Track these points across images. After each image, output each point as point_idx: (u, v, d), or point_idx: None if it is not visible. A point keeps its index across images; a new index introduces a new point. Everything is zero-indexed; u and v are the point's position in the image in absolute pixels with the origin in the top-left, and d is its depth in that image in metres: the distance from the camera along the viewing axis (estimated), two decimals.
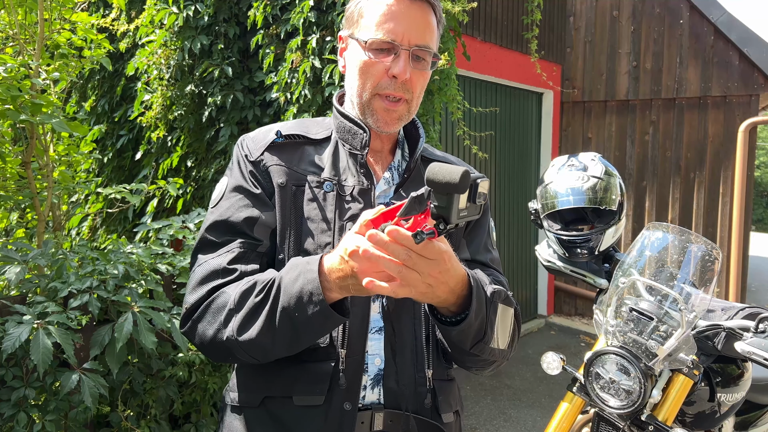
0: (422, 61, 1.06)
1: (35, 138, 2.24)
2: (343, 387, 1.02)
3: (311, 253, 1.04)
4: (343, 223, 1.07)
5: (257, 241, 1.05)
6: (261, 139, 1.12)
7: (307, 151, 1.12)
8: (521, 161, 5.67)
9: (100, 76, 4.03)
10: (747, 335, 1.60)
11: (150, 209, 3.37)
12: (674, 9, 5.39)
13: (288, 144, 1.12)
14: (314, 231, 1.06)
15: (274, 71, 3.16)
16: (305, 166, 1.10)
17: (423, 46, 1.04)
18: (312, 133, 1.15)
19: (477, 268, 1.15)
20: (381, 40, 1.02)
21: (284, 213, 1.07)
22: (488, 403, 4.03)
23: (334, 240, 1.05)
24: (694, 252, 1.68)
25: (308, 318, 0.90)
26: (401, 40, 1.02)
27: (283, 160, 1.09)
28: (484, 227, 1.25)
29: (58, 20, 2.42)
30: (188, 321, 1.03)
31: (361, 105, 1.09)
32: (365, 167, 1.11)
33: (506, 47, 5.03)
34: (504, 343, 1.08)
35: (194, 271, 1.05)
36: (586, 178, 1.97)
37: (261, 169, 1.09)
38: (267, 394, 1.05)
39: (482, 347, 1.02)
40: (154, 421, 2.02)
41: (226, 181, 1.11)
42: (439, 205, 0.80)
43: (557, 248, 2.06)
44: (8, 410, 1.61)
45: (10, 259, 1.80)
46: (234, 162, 1.13)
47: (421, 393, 1.09)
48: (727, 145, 5.23)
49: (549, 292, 6.10)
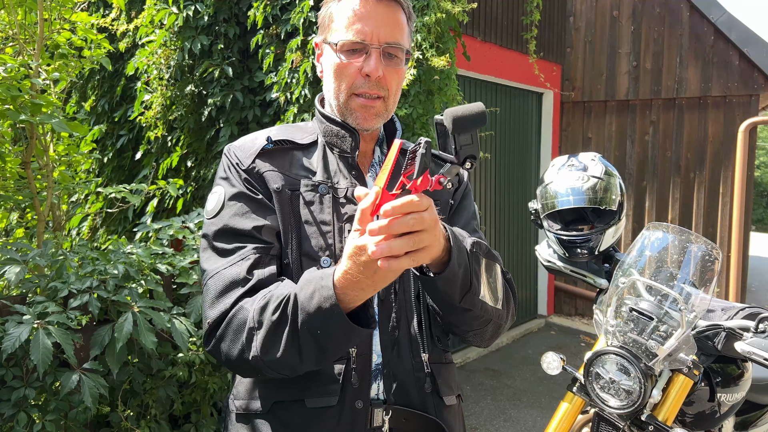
0: (395, 58, 1.08)
1: (35, 138, 2.24)
2: (356, 386, 1.03)
3: (313, 256, 1.05)
4: (341, 224, 1.08)
5: (268, 244, 1.04)
6: (249, 147, 1.12)
7: (296, 156, 1.13)
8: (521, 161, 5.67)
9: (100, 76, 4.03)
10: (747, 335, 1.60)
11: (150, 209, 3.37)
12: (674, 9, 5.39)
13: (277, 150, 1.12)
14: (314, 234, 1.07)
15: (274, 71, 3.16)
16: (297, 171, 1.11)
17: (393, 43, 1.06)
18: (298, 139, 1.15)
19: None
20: (351, 41, 1.04)
21: (284, 217, 1.07)
22: (488, 403, 4.03)
23: (334, 242, 1.06)
24: (694, 252, 1.68)
25: (331, 334, 0.89)
26: (371, 39, 1.04)
27: (275, 165, 1.10)
28: (468, 209, 1.25)
29: (58, 20, 2.42)
30: (212, 339, 1.01)
31: (339, 107, 1.11)
32: (356, 168, 1.13)
33: (506, 47, 5.03)
34: (495, 301, 1.07)
35: (207, 284, 1.02)
36: (586, 178, 1.97)
37: (255, 175, 1.09)
38: (277, 399, 1.04)
39: (471, 298, 1.00)
40: (154, 421, 2.02)
41: (221, 191, 1.09)
42: (465, 144, 0.83)
43: (557, 248, 2.06)
44: (8, 410, 1.61)
45: (10, 260, 1.80)
46: (225, 171, 1.12)
47: (420, 378, 1.09)
48: (727, 145, 5.23)
49: (549, 292, 6.10)
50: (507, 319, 1.14)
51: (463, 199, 1.26)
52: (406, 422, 1.07)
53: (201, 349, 2.04)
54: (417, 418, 1.08)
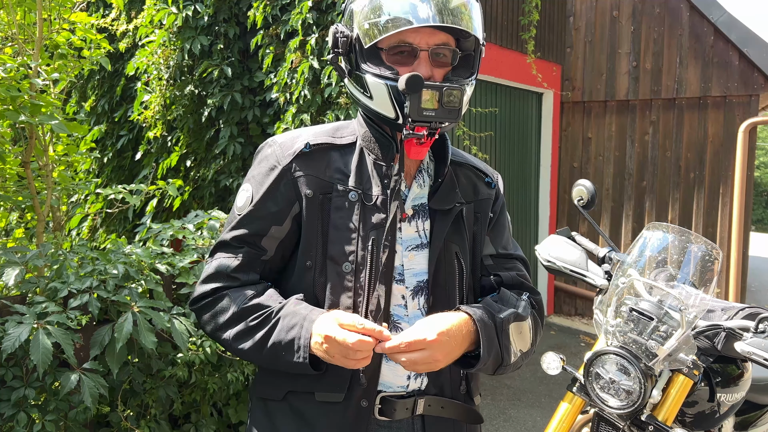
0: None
1: (34, 138, 2.24)
2: (363, 386, 1.11)
3: (337, 261, 1.12)
4: (366, 233, 1.12)
5: (262, 250, 1.14)
6: (289, 146, 1.16)
7: (333, 157, 1.16)
8: (521, 161, 5.67)
9: (99, 76, 4.03)
10: (747, 335, 1.60)
11: (150, 209, 3.37)
12: (674, 9, 5.39)
13: (316, 151, 1.16)
14: (339, 240, 1.12)
15: (274, 71, 3.16)
16: (332, 173, 1.15)
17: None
18: (338, 138, 1.19)
19: (503, 260, 1.28)
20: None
21: (311, 223, 1.13)
22: (488, 403, 4.03)
23: (357, 249, 1.11)
24: (694, 252, 1.68)
25: (291, 363, 1.06)
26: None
27: (311, 168, 1.14)
28: (505, 224, 1.33)
29: (57, 20, 2.42)
30: (196, 304, 1.17)
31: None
32: (389, 178, 1.14)
33: (506, 47, 5.03)
34: (525, 347, 1.18)
35: (209, 263, 1.18)
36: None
37: (289, 177, 1.14)
38: (290, 389, 1.14)
39: (504, 369, 1.13)
40: (153, 421, 2.02)
41: (250, 191, 1.17)
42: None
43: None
44: (8, 410, 1.61)
45: (9, 262, 1.79)
46: (261, 166, 1.18)
47: (456, 380, 1.19)
48: (727, 146, 5.23)
49: (549, 292, 6.10)
50: (535, 350, 1.24)
51: (501, 214, 1.32)
52: (443, 410, 1.17)
53: (201, 349, 2.04)
54: (454, 406, 1.19)
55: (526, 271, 1.33)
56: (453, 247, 1.19)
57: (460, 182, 1.24)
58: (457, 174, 1.24)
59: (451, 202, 1.18)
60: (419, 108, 1.03)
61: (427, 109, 1.03)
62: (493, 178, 1.31)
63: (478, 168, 1.29)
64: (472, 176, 1.28)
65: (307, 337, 1.04)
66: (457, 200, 1.20)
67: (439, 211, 1.18)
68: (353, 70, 1.12)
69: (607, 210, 5.84)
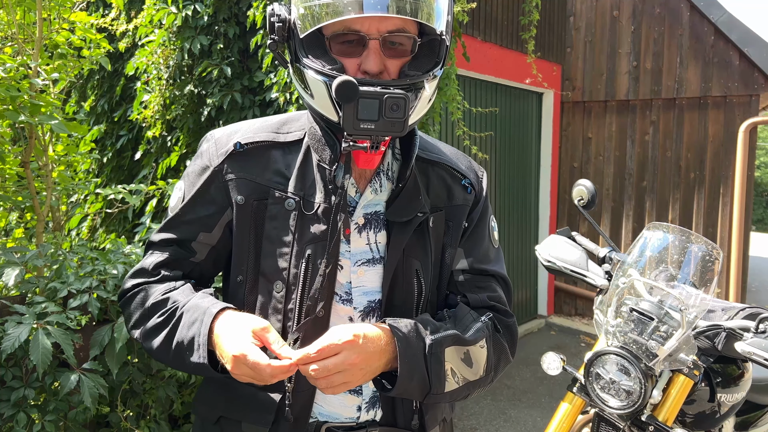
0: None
1: (34, 138, 2.24)
2: (289, 421, 0.99)
3: (269, 278, 1.00)
4: (302, 247, 0.97)
5: (191, 252, 1.04)
6: (224, 144, 1.02)
7: (273, 156, 1.01)
8: (521, 161, 5.67)
9: (99, 76, 4.03)
10: (747, 335, 1.60)
11: (149, 209, 3.37)
12: (674, 9, 5.39)
13: (252, 150, 1.01)
14: (272, 254, 0.99)
15: (274, 71, 3.16)
16: (270, 176, 1.00)
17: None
18: (282, 134, 1.03)
19: (477, 278, 1.10)
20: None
21: (242, 233, 1.00)
22: (488, 403, 4.03)
23: (289, 266, 0.97)
24: (695, 252, 1.68)
25: (193, 364, 0.93)
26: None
27: (245, 170, 1.00)
28: (484, 234, 1.13)
29: (57, 20, 2.42)
30: (121, 299, 1.07)
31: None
32: (333, 183, 0.97)
33: (506, 47, 5.03)
34: (474, 375, 1.01)
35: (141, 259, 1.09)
36: None
37: (220, 180, 1.01)
38: (222, 414, 1.05)
39: (435, 398, 0.96)
40: (153, 422, 2.02)
41: (182, 190, 1.06)
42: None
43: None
44: (8, 410, 1.61)
45: (9, 262, 1.79)
46: (196, 164, 1.06)
47: (408, 413, 1.06)
48: (727, 146, 5.23)
49: (549, 292, 6.10)
50: (494, 379, 1.08)
51: (480, 222, 1.12)
52: None
53: None
54: None
55: (502, 292, 1.13)
56: (413, 263, 1.02)
57: (432, 185, 1.06)
58: (428, 175, 1.07)
59: (412, 213, 1.00)
60: (354, 120, 0.84)
61: (364, 120, 0.85)
62: (472, 179, 1.12)
63: (454, 168, 1.10)
64: (447, 178, 1.09)
65: (206, 333, 0.90)
66: (420, 209, 1.01)
67: (397, 223, 1.01)
68: (293, 60, 0.94)
69: (608, 210, 5.84)
